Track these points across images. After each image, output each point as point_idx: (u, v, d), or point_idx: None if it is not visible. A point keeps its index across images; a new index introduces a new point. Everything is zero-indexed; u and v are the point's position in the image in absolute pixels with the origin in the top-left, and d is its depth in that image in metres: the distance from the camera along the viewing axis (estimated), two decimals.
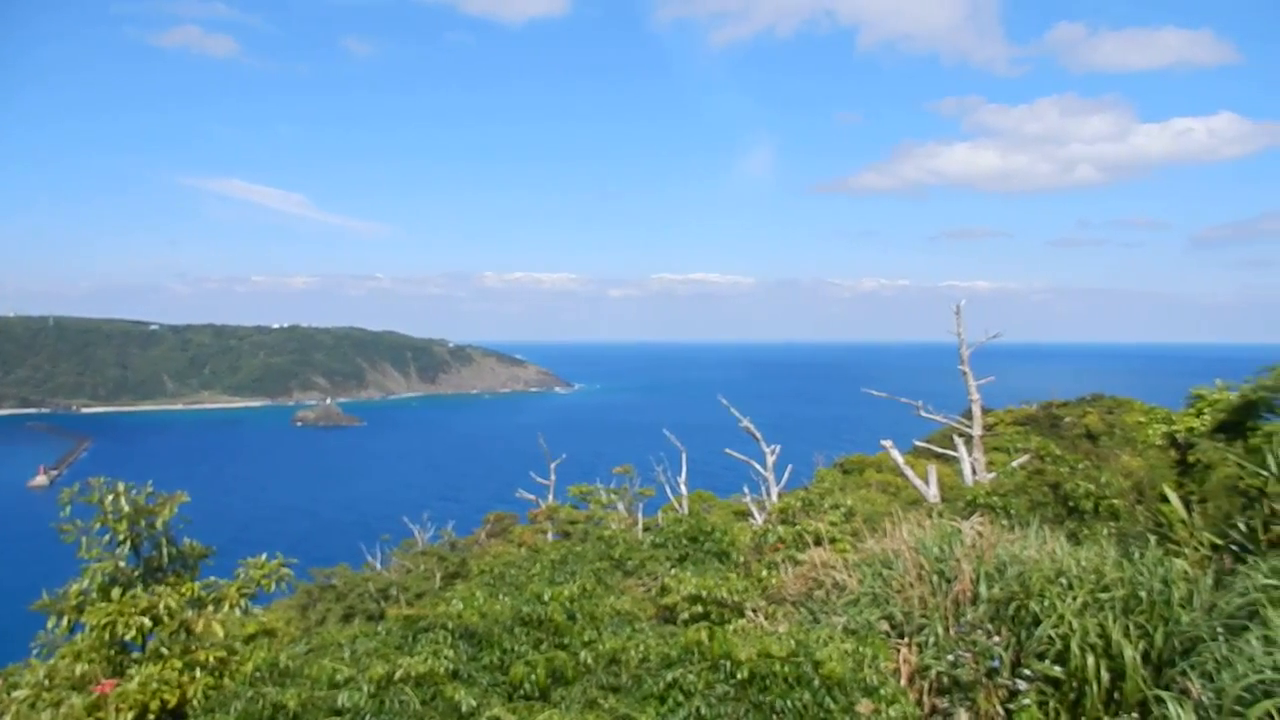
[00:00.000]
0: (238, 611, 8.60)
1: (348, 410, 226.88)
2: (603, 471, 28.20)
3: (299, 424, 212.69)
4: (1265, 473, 8.62)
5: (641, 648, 6.62)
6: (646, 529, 18.98)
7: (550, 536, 24.86)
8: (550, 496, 32.12)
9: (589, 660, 6.56)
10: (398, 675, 6.29)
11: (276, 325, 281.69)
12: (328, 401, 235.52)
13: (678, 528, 12.11)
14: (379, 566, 33.98)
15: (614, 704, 5.95)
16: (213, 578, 8.94)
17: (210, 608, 8.34)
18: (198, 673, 7.49)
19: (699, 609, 9.36)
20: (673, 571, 10.37)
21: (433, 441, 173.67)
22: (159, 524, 8.62)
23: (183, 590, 8.26)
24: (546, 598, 7.70)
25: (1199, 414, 12.88)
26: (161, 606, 7.83)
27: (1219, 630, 6.59)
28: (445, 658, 6.60)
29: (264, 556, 9.44)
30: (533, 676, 6.40)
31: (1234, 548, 8.50)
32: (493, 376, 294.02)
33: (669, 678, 5.97)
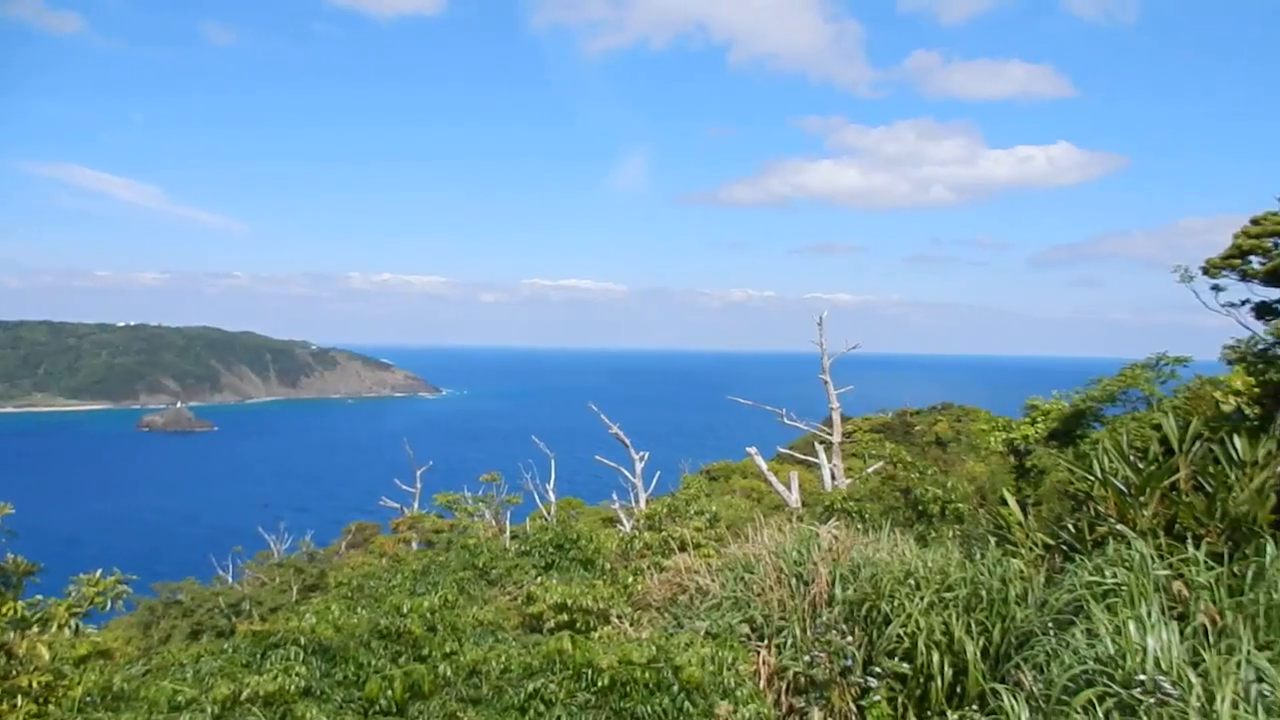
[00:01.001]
0: (67, 632, 7.98)
1: (200, 415, 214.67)
2: (470, 479, 27.70)
3: (145, 429, 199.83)
4: (1091, 477, 9.27)
5: (503, 658, 6.53)
6: (514, 537, 18.77)
7: (414, 546, 24.25)
8: (415, 505, 31.33)
9: (448, 673, 6.42)
10: (244, 695, 5.97)
11: (122, 323, 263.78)
12: (178, 405, 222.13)
13: (544, 535, 12.02)
14: (230, 580, 32.30)
15: (473, 716, 5.84)
16: (40, 596, 8.26)
17: (35, 629, 7.70)
18: (19, 700, 6.89)
19: (564, 617, 9.31)
20: (538, 580, 10.29)
21: (292, 448, 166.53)
22: None
23: (3, 610, 7.60)
24: (406, 609, 7.48)
25: (1034, 423, 13.80)
26: None
27: (1049, 625, 7.04)
28: (296, 675, 6.31)
29: (99, 572, 8.80)
30: (389, 691, 6.20)
31: (1064, 547, 9.11)
32: (358, 381, 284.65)
33: (530, 688, 5.91)
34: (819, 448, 22.30)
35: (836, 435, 22.46)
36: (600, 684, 5.85)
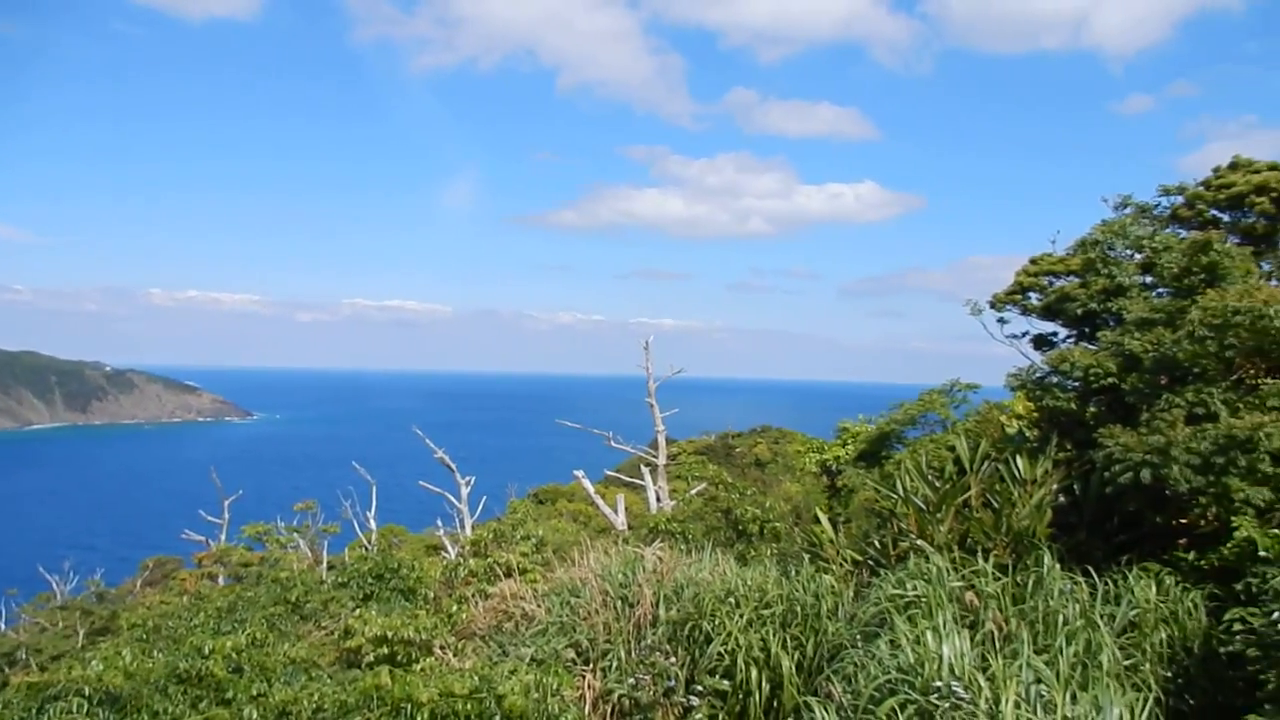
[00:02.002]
0: None
1: None
2: (283, 508, 26.23)
3: None
4: (894, 495, 9.89)
5: (316, 697, 6.20)
6: (331, 568, 17.92)
7: (221, 582, 22.68)
8: (222, 537, 29.31)
9: (254, 716, 6.03)
10: None
11: None
12: None
13: (362, 566, 11.56)
14: (3, 627, 29.05)
15: None
16: None
17: None
18: None
19: (384, 650, 8.96)
20: (356, 612, 9.86)
21: (82, 478, 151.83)
22: None
23: None
24: (208, 650, 6.99)
25: (844, 444, 14.60)
26: None
27: (858, 637, 7.44)
28: None
29: None
30: None
31: (871, 562, 9.65)
32: (158, 405, 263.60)
33: None
34: (645, 470, 22.64)
35: (662, 458, 22.88)
36: (420, 718, 5.67)
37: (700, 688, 7.93)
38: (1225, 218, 12.49)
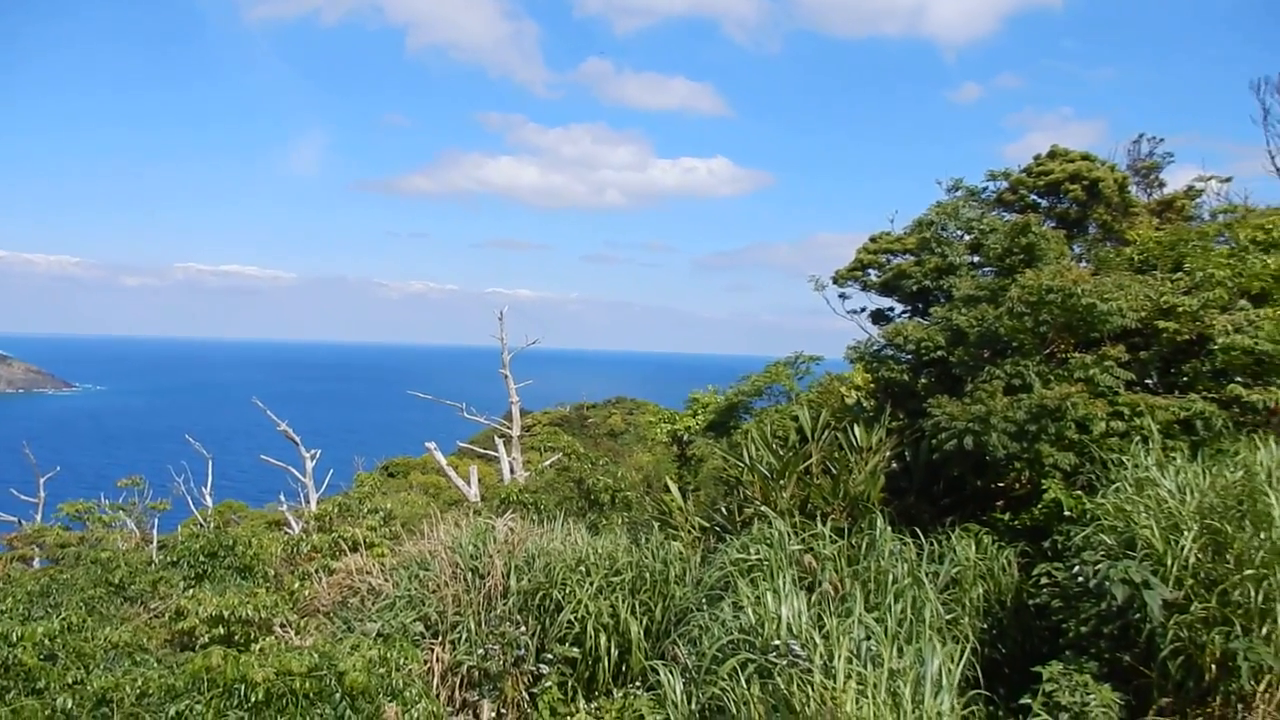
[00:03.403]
0: None
1: None
2: (108, 486, 24.50)
3: None
4: (741, 464, 10.21)
5: (140, 682, 5.85)
6: (162, 547, 16.92)
7: (37, 564, 20.99)
8: (38, 517, 27.12)
9: (69, 705, 5.64)
10: None
11: None
12: None
13: (194, 544, 10.95)
14: None
15: None
16: None
17: None
18: None
19: (220, 631, 8.56)
20: (189, 592, 9.35)
21: None
22: None
23: None
24: (17, 637, 6.46)
25: (695, 414, 14.90)
26: None
27: (703, 601, 7.66)
28: None
29: None
30: None
31: (718, 529, 9.96)
32: None
33: (172, 711, 5.36)
34: (499, 441, 22.48)
35: (516, 429, 22.76)
36: (255, 699, 5.44)
37: (550, 656, 7.99)
38: (1044, 203, 13.43)
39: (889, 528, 8.16)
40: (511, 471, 21.02)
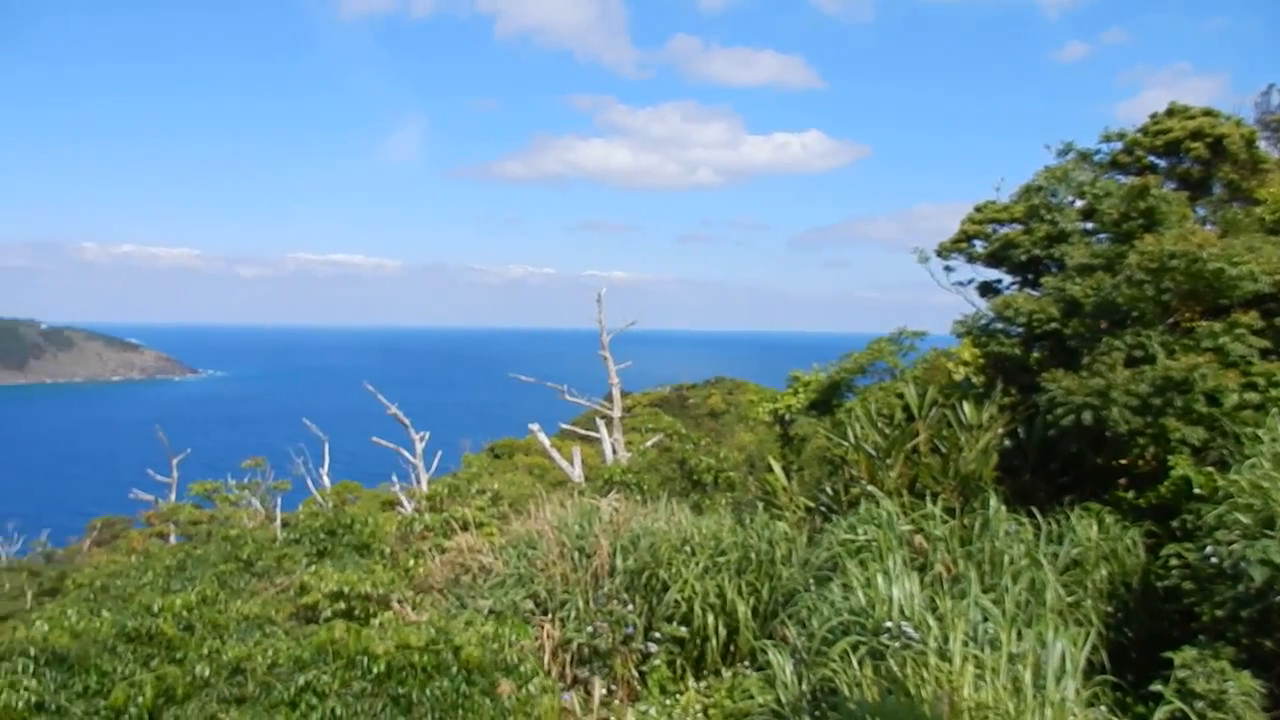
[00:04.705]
0: None
1: None
2: (233, 466, 25.85)
3: None
4: (845, 443, 10.04)
5: (270, 652, 6.16)
6: (285, 525, 17.76)
7: (172, 540, 22.37)
8: (171, 496, 28.86)
9: (207, 673, 5.98)
10: None
11: None
12: None
13: (314, 522, 11.45)
14: None
15: (237, 716, 5.48)
16: None
17: None
18: None
19: (341, 605, 8.93)
20: (311, 568, 9.79)
21: (23, 438, 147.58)
22: None
23: None
24: (157, 608, 6.89)
25: (796, 394, 14.70)
26: None
27: (811, 582, 7.58)
28: (26, 689, 5.65)
29: None
30: (139, 699, 5.69)
31: (823, 509, 9.83)
32: (99, 363, 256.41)
33: (301, 681, 5.62)
34: (600, 423, 22.70)
35: (616, 410, 22.94)
36: (376, 671, 5.67)
37: (658, 634, 8.05)
38: (1162, 163, 12.68)
39: (1003, 507, 7.90)
40: (613, 452, 21.21)
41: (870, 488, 9.03)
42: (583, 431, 26.37)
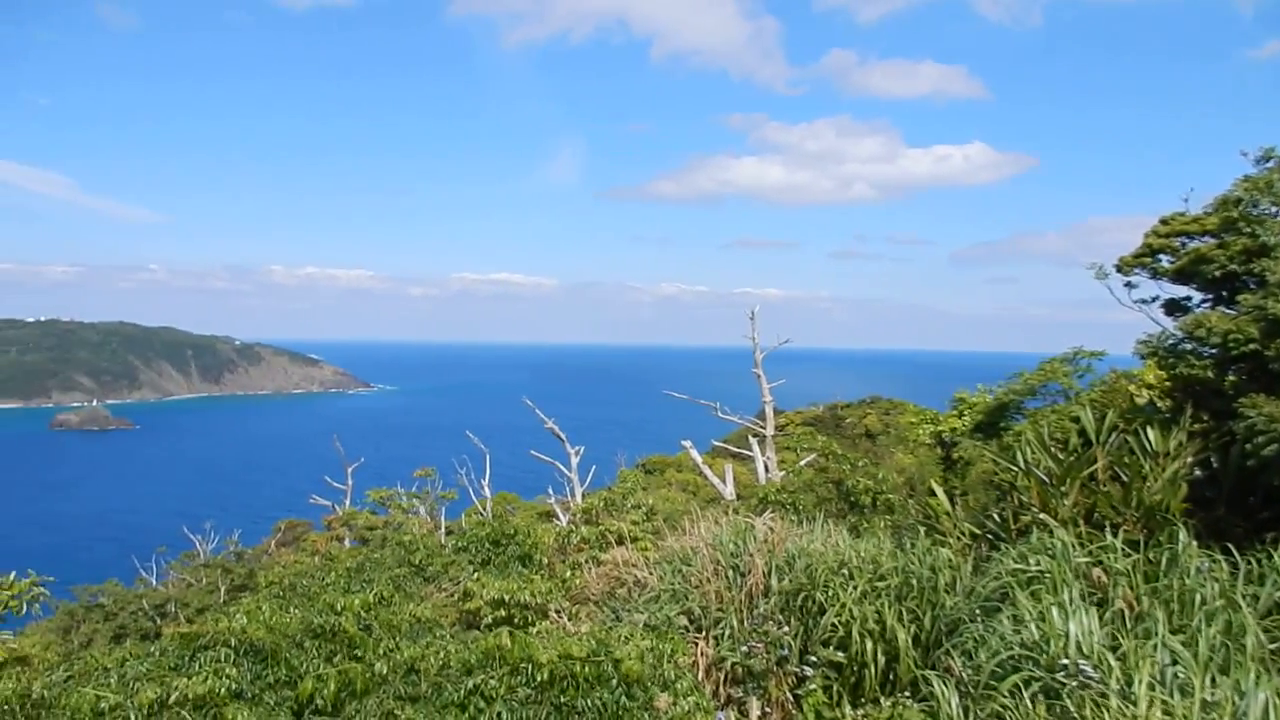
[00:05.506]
0: None
1: (118, 413, 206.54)
2: (403, 475, 27.32)
3: (58, 428, 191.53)
4: (1015, 468, 9.57)
5: (441, 655, 6.47)
6: (449, 533, 18.58)
7: (347, 544, 23.85)
8: (347, 502, 30.80)
9: (384, 671, 6.34)
10: (172, 699, 5.82)
11: (31, 319, 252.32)
12: (94, 403, 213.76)
13: (480, 531, 11.93)
14: (154, 582, 31.30)
15: (411, 714, 5.78)
16: None
17: None
18: None
19: (502, 613, 9.27)
20: (475, 576, 10.21)
21: (218, 445, 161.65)
22: None
23: None
24: (340, 607, 7.37)
25: (961, 415, 14.17)
26: None
27: (977, 612, 7.26)
28: (227, 677, 6.17)
29: (13, 575, 8.47)
30: (324, 692, 6.10)
31: (990, 536, 9.39)
32: (284, 377, 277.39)
33: (470, 684, 5.87)
34: (753, 441, 22.56)
35: (769, 428, 22.75)
36: (540, 679, 5.85)
37: (814, 658, 7.91)
38: None
39: (1193, 542, 7.32)
40: (766, 471, 21.03)
41: (1042, 516, 8.57)
42: (735, 449, 26.26)
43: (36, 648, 8.30)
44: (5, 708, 6.17)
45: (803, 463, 19.70)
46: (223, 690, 6.02)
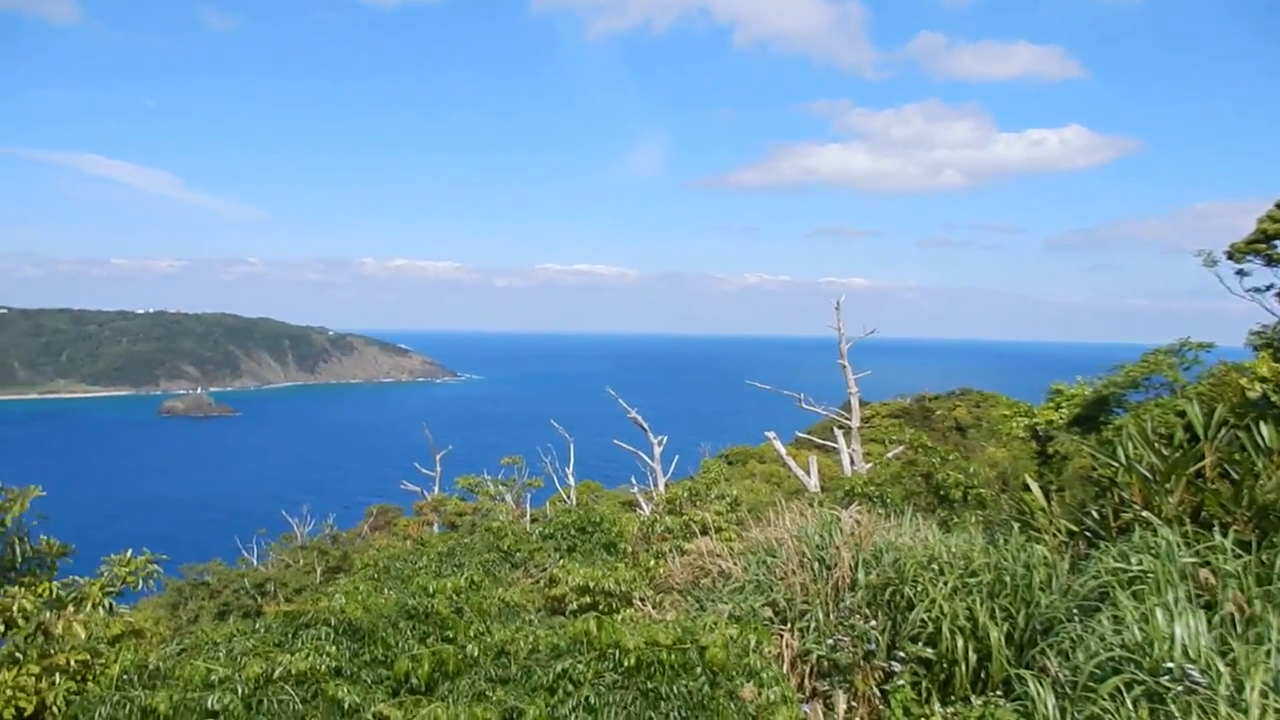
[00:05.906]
0: (101, 611, 8.12)
1: (220, 400, 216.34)
2: (490, 462, 27.89)
3: (166, 414, 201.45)
4: (1115, 464, 9.23)
5: (530, 639, 6.59)
6: (534, 520, 18.89)
7: (436, 529, 24.47)
8: (436, 488, 31.60)
9: (476, 653, 6.50)
10: (277, 674, 6.08)
11: (141, 311, 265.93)
12: (198, 391, 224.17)
13: (566, 519, 12.10)
14: (255, 561, 32.69)
15: (502, 696, 5.91)
16: (73, 577, 8.42)
17: (70, 608, 7.85)
18: (57, 678, 7.03)
19: (587, 599, 9.40)
20: (561, 563, 10.36)
21: (313, 432, 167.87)
22: (8, 520, 8.06)
23: (39, 590, 7.75)
24: (433, 590, 7.58)
25: (1057, 408, 13.71)
26: (15, 608, 7.32)
27: (1074, 611, 7.03)
28: (327, 654, 6.41)
29: (130, 553, 8.96)
30: (418, 671, 6.29)
31: (1088, 534, 9.08)
32: (375, 366, 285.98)
33: (558, 668, 5.97)
34: (838, 432, 22.28)
35: (855, 420, 22.42)
36: (626, 664, 5.91)
37: (902, 654, 7.79)
38: None
39: None
40: (852, 463, 20.76)
41: (1145, 513, 8.24)
42: (819, 441, 25.98)
43: (149, 621, 8.75)
44: (125, 676, 6.54)
45: (890, 455, 19.37)
46: (323, 667, 6.25)
